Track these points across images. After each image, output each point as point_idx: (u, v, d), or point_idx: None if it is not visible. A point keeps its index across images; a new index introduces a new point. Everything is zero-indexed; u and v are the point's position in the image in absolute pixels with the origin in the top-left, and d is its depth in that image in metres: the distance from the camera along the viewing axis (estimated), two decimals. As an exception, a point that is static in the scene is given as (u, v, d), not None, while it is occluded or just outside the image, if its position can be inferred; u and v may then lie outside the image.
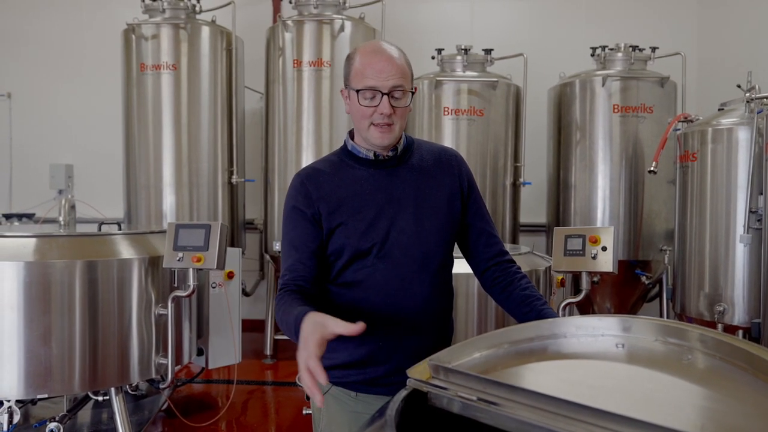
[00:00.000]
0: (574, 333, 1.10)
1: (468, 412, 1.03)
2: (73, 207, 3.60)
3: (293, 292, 1.46)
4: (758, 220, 3.33)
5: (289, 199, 1.56)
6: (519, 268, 1.65)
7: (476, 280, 1.71)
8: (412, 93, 1.51)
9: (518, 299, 1.56)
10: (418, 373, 1.12)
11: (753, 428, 0.82)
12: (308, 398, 3.32)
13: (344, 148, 1.61)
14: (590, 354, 1.06)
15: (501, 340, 1.14)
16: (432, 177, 1.58)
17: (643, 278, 4.60)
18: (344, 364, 1.51)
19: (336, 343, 1.50)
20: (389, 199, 1.51)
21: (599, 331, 1.08)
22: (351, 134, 1.61)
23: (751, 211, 3.36)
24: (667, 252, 4.55)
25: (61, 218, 3.49)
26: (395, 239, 1.50)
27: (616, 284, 4.60)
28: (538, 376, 1.02)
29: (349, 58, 1.53)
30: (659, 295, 4.84)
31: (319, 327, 1.22)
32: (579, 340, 1.09)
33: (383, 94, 1.45)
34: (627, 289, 4.72)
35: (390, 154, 1.56)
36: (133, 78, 4.82)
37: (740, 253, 3.50)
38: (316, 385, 1.16)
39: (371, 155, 1.55)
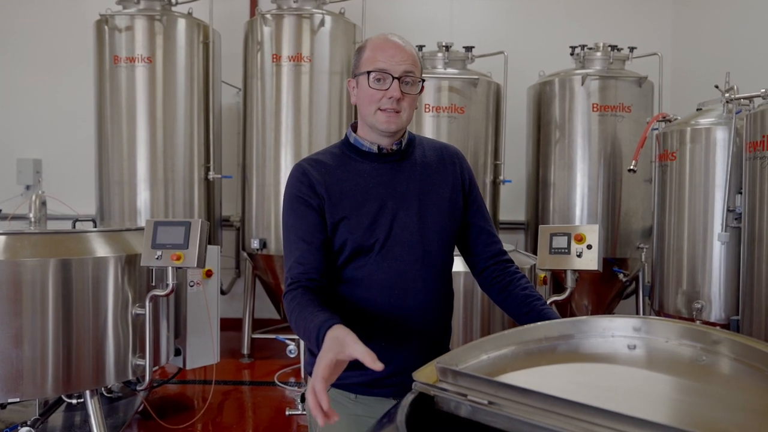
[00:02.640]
0: (584, 334, 1.08)
1: (478, 416, 0.99)
2: (44, 203, 3.47)
3: (307, 290, 1.40)
4: (736, 219, 3.39)
5: (290, 189, 1.49)
6: (518, 268, 1.63)
7: (462, 277, 1.68)
8: (422, 85, 1.49)
9: (518, 299, 1.53)
10: (425, 376, 1.09)
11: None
12: (303, 400, 3.27)
13: (346, 140, 1.56)
14: (602, 355, 1.04)
15: (509, 342, 1.11)
16: (435, 173, 1.55)
17: (621, 276, 4.65)
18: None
19: None
20: (392, 195, 1.48)
21: (610, 331, 1.06)
22: (353, 127, 1.56)
23: (728, 210, 3.42)
24: (644, 250, 4.61)
25: (31, 215, 3.37)
26: (398, 236, 1.46)
27: (594, 282, 4.64)
28: (549, 379, 1.00)
29: (359, 49, 1.51)
30: (636, 292, 4.90)
31: (337, 345, 1.16)
32: (589, 341, 1.07)
33: (394, 78, 1.42)
34: (604, 287, 4.76)
35: (394, 147, 1.52)
36: (106, 71, 4.68)
37: (717, 250, 3.55)
38: (318, 408, 1.10)
39: (375, 149, 1.51)
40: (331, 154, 1.54)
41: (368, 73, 1.43)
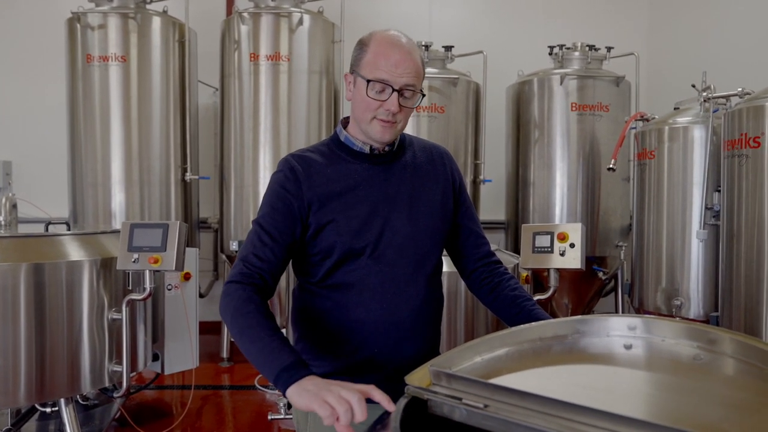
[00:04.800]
0: (580, 334, 1.06)
1: (473, 419, 0.97)
2: (14, 206, 3.37)
3: (257, 292, 1.32)
4: (714, 216, 3.42)
5: (275, 183, 1.43)
6: (506, 269, 1.61)
7: (446, 277, 1.65)
8: (422, 96, 1.42)
9: (507, 300, 1.51)
10: (417, 379, 1.06)
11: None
12: (289, 406, 3.21)
13: (335, 138, 1.51)
14: (598, 356, 1.02)
15: (503, 343, 1.08)
16: (426, 175, 1.51)
17: (600, 274, 4.68)
18: (336, 372, 1.42)
19: (330, 349, 1.42)
20: (384, 197, 1.43)
21: (605, 331, 1.04)
22: (343, 123, 1.52)
23: (706, 208, 3.45)
24: (623, 248, 4.64)
25: (1, 218, 3.26)
26: (389, 239, 1.42)
27: (574, 280, 4.66)
28: (545, 381, 0.98)
29: (362, 44, 1.42)
30: (615, 290, 4.94)
31: (348, 385, 1.12)
32: (585, 341, 1.05)
33: (394, 90, 1.36)
34: (584, 285, 4.79)
35: (386, 149, 1.48)
36: (79, 70, 4.57)
37: (696, 248, 3.59)
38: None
39: (366, 149, 1.47)
40: (320, 152, 1.48)
41: (367, 81, 1.36)
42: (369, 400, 1.42)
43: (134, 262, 2.82)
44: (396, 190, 1.45)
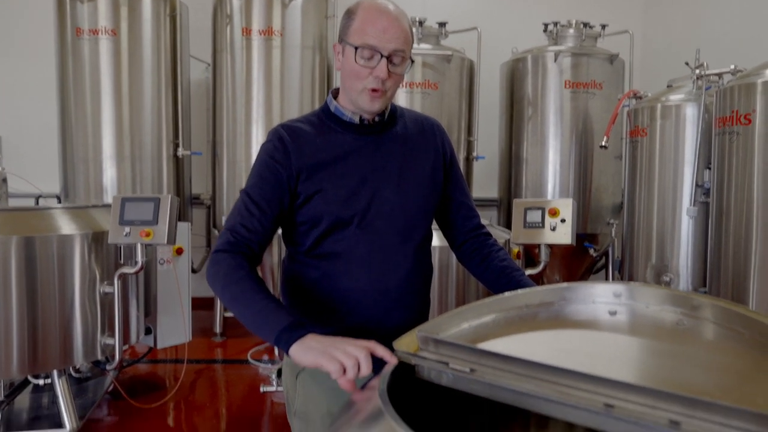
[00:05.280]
0: (565, 301, 1.07)
1: (459, 384, 0.98)
2: (4, 180, 3.35)
3: (247, 261, 1.33)
4: (704, 194, 3.44)
5: (264, 153, 1.43)
6: (496, 241, 1.62)
7: (437, 252, 1.66)
8: (411, 62, 1.41)
9: (496, 271, 1.52)
10: (405, 345, 1.07)
11: (753, 390, 0.81)
12: (279, 375, 3.23)
13: (326, 108, 1.50)
14: (583, 322, 1.03)
15: (490, 310, 1.10)
16: (416, 146, 1.51)
17: (591, 251, 4.71)
18: None
19: (318, 317, 1.44)
20: (373, 168, 1.43)
21: (590, 297, 1.06)
22: (334, 94, 1.51)
23: (697, 185, 3.47)
24: (614, 225, 4.67)
25: (-9, 192, 3.25)
26: (378, 210, 1.42)
27: (565, 257, 4.69)
28: (531, 346, 0.99)
29: (350, 12, 1.41)
30: (605, 266, 4.98)
31: (354, 341, 1.13)
32: (570, 308, 1.06)
33: (382, 56, 1.35)
34: (575, 262, 4.83)
35: (377, 119, 1.47)
36: (68, 44, 4.51)
37: (686, 225, 3.62)
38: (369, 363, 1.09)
39: (356, 119, 1.46)
40: (309, 122, 1.47)
41: (356, 48, 1.35)
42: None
43: (126, 235, 2.82)
44: (386, 161, 1.44)
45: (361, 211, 1.40)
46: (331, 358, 1.08)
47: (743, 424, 0.77)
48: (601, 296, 1.05)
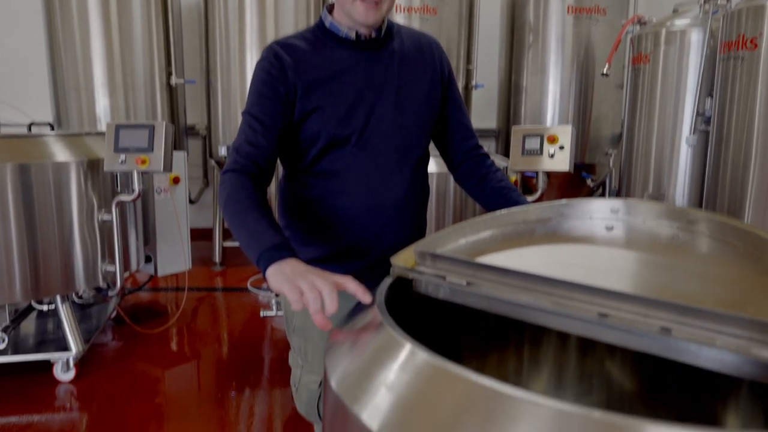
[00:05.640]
0: (563, 216, 1.08)
1: (456, 297, 1.00)
2: (-5, 107, 3.29)
3: (252, 178, 1.32)
4: (705, 122, 3.41)
5: (259, 71, 1.40)
6: (493, 162, 1.61)
7: (434, 178, 1.66)
8: None
9: (494, 191, 1.52)
10: (403, 260, 1.08)
11: (744, 299, 0.83)
12: (277, 300, 3.29)
13: (320, 24, 1.45)
14: (580, 237, 1.04)
15: (487, 226, 1.10)
16: (413, 64, 1.47)
17: (589, 181, 4.71)
18: (321, 258, 1.45)
19: (315, 236, 1.45)
20: (370, 85, 1.40)
21: (588, 213, 1.06)
22: (328, 9, 1.45)
23: (698, 113, 3.43)
24: (612, 155, 4.65)
25: (-17, 120, 3.20)
26: (375, 127, 1.40)
27: (562, 186, 4.70)
28: (527, 260, 1.00)
29: None
30: (602, 197, 5.00)
31: (323, 274, 1.06)
32: (568, 224, 1.06)
33: None
34: (572, 192, 4.83)
35: (373, 35, 1.43)
36: (52, -34, 4.33)
37: (684, 154, 3.60)
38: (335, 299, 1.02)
39: (352, 35, 1.41)
40: (304, 39, 1.43)
41: None
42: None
43: (121, 163, 2.80)
44: (382, 78, 1.41)
45: (359, 129, 1.38)
46: (294, 287, 1.02)
47: (733, 330, 0.78)
48: (598, 212, 1.05)
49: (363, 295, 1.00)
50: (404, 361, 0.77)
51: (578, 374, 1.49)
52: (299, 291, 1.01)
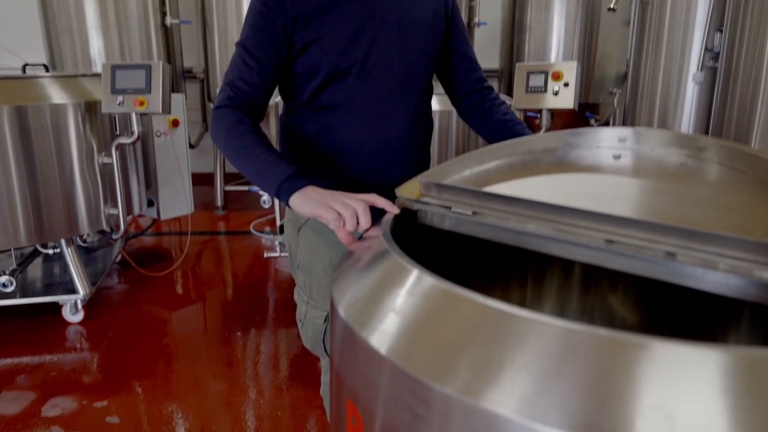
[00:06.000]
0: (569, 146, 1.06)
1: (461, 227, 1.00)
2: (-12, 49, 3.22)
3: (248, 115, 1.30)
4: (713, 59, 3.34)
5: (256, 1, 1.35)
6: (498, 95, 1.58)
7: (437, 116, 1.63)
8: None
9: (497, 125, 1.50)
10: (407, 192, 1.07)
11: (752, 224, 0.82)
12: (282, 232, 3.27)
13: None
14: (587, 166, 1.02)
15: (493, 156, 1.09)
16: None
17: (592, 121, 4.66)
18: None
19: (317, 171, 1.43)
20: (371, 15, 1.35)
21: (595, 142, 1.04)
22: None
23: (706, 49, 3.35)
24: (617, 95, 4.58)
25: (-25, 62, 3.14)
26: (377, 59, 1.36)
27: (565, 127, 4.62)
28: (534, 189, 0.99)
29: None
30: (605, 138, 4.95)
31: (353, 195, 1.11)
32: (574, 153, 1.05)
33: None
34: (575, 133, 4.79)
35: None
36: None
37: (690, 91, 3.54)
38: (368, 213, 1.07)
39: None
40: None
41: None
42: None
43: (119, 105, 2.76)
44: (384, 7, 1.36)
45: (360, 60, 1.35)
46: (329, 209, 1.06)
47: (739, 254, 0.78)
48: (605, 141, 1.04)
49: (392, 207, 1.06)
50: (412, 286, 0.77)
51: (580, 308, 1.51)
52: (335, 212, 1.05)
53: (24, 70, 3.16)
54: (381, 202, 1.08)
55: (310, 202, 1.10)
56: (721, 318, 1.21)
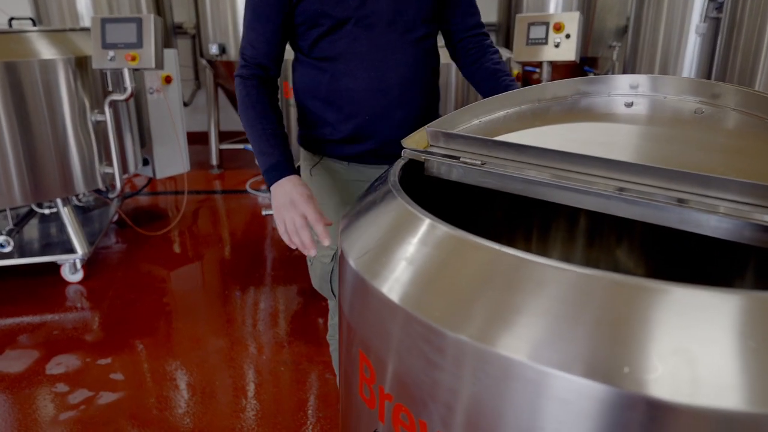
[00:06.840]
0: (579, 94, 1.04)
1: (469, 177, 0.98)
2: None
3: (259, 84, 1.38)
4: (716, 9, 3.27)
5: None
6: (492, 42, 1.55)
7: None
8: None
9: (487, 72, 1.47)
10: (414, 142, 1.05)
11: (766, 169, 0.81)
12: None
13: None
14: (598, 114, 1.00)
15: (501, 105, 1.06)
16: None
17: (591, 75, 4.59)
18: (334, 140, 1.45)
19: (324, 118, 1.43)
20: None
21: (606, 90, 1.02)
22: None
23: (710, 0, 3.29)
24: (617, 48, 4.51)
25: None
26: (374, 5, 1.33)
27: (564, 83, 4.59)
28: (544, 138, 0.97)
29: None
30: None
31: (310, 201, 1.24)
32: (585, 101, 1.03)
33: None
34: (574, 88, 4.73)
35: None
36: None
37: (692, 44, 3.48)
38: (312, 243, 1.21)
39: None
40: None
41: None
42: (364, 160, 1.47)
43: (110, 60, 2.69)
44: None
45: (357, 7, 1.32)
46: (281, 221, 1.23)
47: (752, 200, 0.77)
48: (617, 88, 1.01)
49: (323, 237, 1.19)
50: (424, 234, 0.76)
51: (585, 261, 1.50)
52: (283, 226, 1.22)
53: (10, 24, 3.07)
54: (319, 229, 1.19)
55: (275, 201, 1.25)
56: (727, 270, 1.21)
